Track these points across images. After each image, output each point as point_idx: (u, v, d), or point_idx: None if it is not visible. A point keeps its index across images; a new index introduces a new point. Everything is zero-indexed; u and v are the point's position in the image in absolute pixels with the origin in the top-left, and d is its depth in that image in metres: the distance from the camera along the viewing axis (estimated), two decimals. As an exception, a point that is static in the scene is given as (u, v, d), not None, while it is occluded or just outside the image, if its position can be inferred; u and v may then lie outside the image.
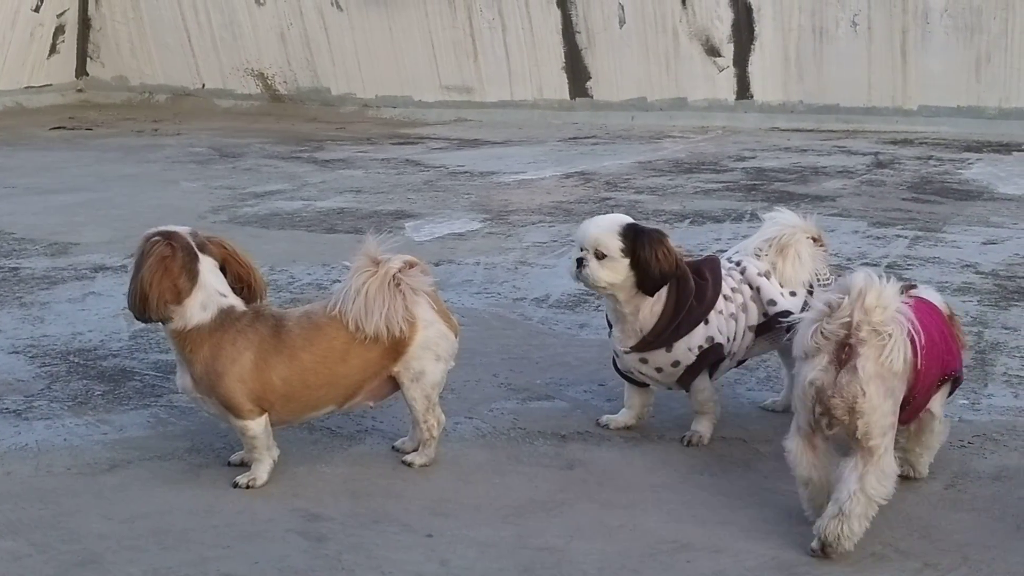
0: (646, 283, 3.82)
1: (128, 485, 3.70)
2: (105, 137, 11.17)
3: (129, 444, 4.00)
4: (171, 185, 8.70)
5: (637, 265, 3.79)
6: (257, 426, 3.64)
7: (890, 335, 3.13)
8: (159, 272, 3.53)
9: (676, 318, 3.86)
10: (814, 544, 3.20)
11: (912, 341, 3.21)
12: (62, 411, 4.28)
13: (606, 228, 3.85)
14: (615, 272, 3.82)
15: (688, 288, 3.88)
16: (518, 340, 5.08)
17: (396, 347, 3.70)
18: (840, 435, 3.23)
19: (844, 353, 3.14)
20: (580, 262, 3.84)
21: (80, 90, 13.85)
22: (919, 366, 3.30)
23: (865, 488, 3.15)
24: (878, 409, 3.15)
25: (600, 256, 3.82)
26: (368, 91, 12.54)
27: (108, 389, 4.50)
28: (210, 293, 3.59)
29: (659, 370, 3.94)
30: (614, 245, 3.81)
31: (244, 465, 3.76)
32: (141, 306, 3.55)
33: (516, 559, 3.25)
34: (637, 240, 3.80)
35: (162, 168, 9.42)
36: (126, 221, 7.25)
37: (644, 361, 3.94)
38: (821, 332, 3.16)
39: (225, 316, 3.59)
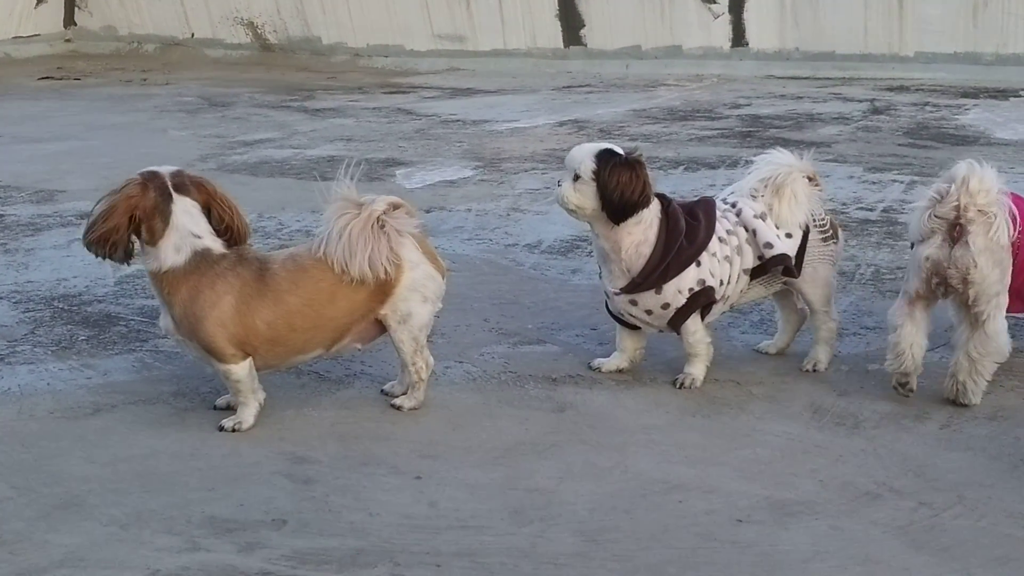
0: (608, 208, 3.76)
1: (112, 429, 3.65)
2: (93, 87, 11.04)
3: (113, 388, 3.95)
4: (159, 134, 8.60)
5: (599, 188, 3.75)
6: (241, 370, 3.58)
7: (995, 215, 3.62)
8: (110, 210, 3.45)
9: (665, 259, 3.80)
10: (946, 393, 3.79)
11: (1013, 219, 3.68)
12: (46, 356, 4.22)
13: (587, 151, 3.83)
14: (584, 196, 3.78)
15: (678, 228, 3.81)
16: (509, 285, 5.02)
17: (382, 289, 3.64)
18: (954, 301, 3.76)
19: (955, 232, 3.64)
20: (560, 183, 3.84)
21: (68, 40, 13.69)
22: (1017, 246, 3.74)
23: (969, 352, 3.69)
24: (988, 278, 3.64)
25: (576, 178, 3.79)
26: (359, 40, 12.39)
27: (92, 334, 4.44)
28: (183, 235, 3.52)
29: (649, 312, 3.88)
30: (587, 167, 3.78)
31: (230, 409, 3.71)
32: (87, 234, 3.47)
33: (506, 500, 3.21)
34: (603, 163, 3.75)
35: (150, 117, 9.31)
36: (113, 169, 7.14)
37: (634, 303, 3.88)
38: (934, 215, 3.66)
39: (201, 258, 3.52)
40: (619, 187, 3.72)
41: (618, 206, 3.75)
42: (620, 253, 3.83)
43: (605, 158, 3.77)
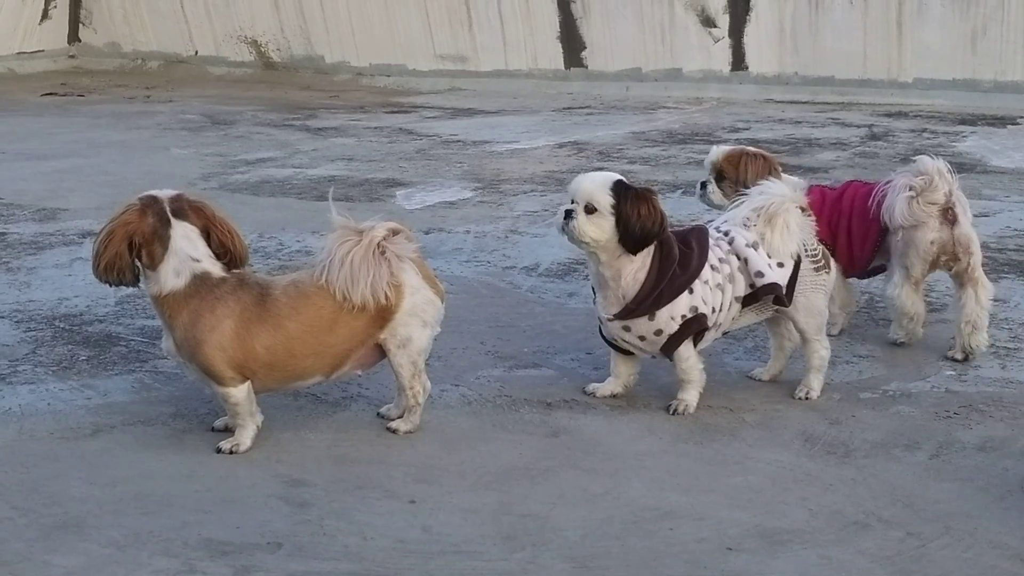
0: (627, 240, 3.80)
1: (111, 450, 3.69)
2: (97, 103, 11.11)
3: (113, 409, 3.99)
4: (162, 152, 8.66)
5: (620, 221, 3.78)
6: (239, 393, 3.62)
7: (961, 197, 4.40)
8: (108, 238, 3.52)
9: (658, 286, 3.84)
10: (957, 355, 4.43)
11: None
12: (46, 376, 4.26)
13: (600, 183, 3.83)
14: (601, 229, 3.80)
15: (672, 256, 3.86)
16: (506, 308, 5.07)
17: (383, 314, 3.68)
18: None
19: (949, 215, 4.33)
20: (569, 214, 3.83)
21: (72, 56, 13.77)
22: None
23: (978, 305, 4.40)
24: (978, 246, 4.43)
25: (590, 211, 3.80)
26: (362, 59, 12.47)
27: (93, 354, 4.49)
28: (182, 259, 3.56)
29: (642, 338, 3.93)
30: (605, 201, 3.79)
31: (228, 431, 3.75)
32: (94, 265, 3.56)
33: (499, 525, 3.25)
34: (622, 195, 3.79)
35: (153, 135, 9.38)
36: (115, 187, 7.21)
37: (627, 329, 3.92)
38: (927, 202, 4.30)
39: (200, 282, 3.57)
40: (640, 220, 3.77)
41: (639, 238, 3.79)
42: (620, 280, 3.87)
43: (622, 191, 3.80)
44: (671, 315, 3.87)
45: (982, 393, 4.13)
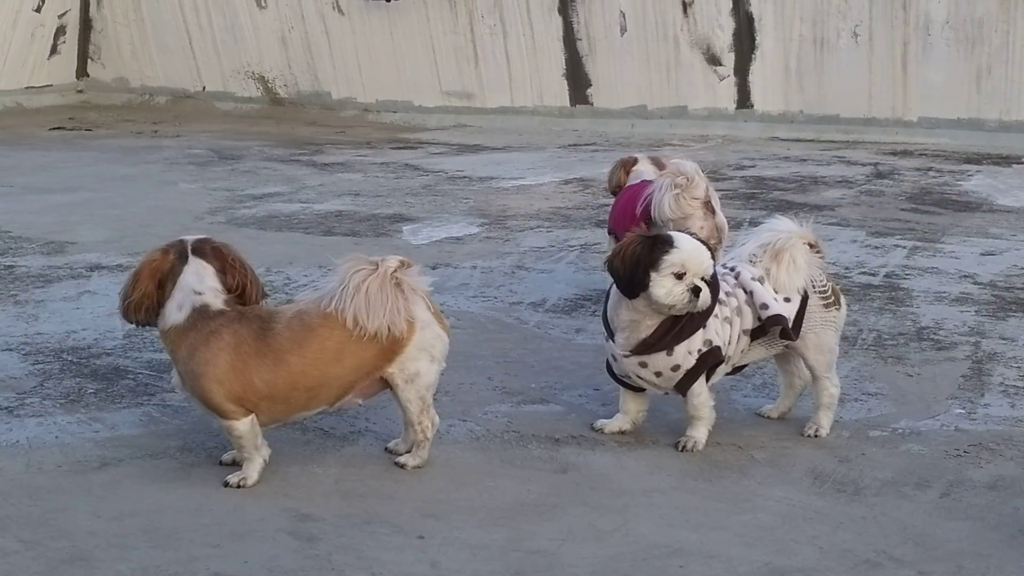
0: None
1: (119, 483, 3.68)
2: (104, 138, 11.15)
3: (120, 442, 3.98)
4: (169, 186, 8.69)
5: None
6: (243, 426, 3.61)
7: None
8: (136, 278, 3.59)
9: (679, 322, 3.85)
10: None
11: None
12: (54, 408, 4.26)
13: (708, 254, 3.88)
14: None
15: (689, 293, 3.87)
16: (514, 344, 5.06)
17: (392, 347, 3.67)
18: None
19: (708, 207, 5.05)
20: (697, 290, 3.79)
21: (80, 91, 13.83)
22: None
23: None
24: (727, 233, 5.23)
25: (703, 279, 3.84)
26: (368, 95, 12.53)
27: (101, 387, 4.48)
28: (186, 293, 3.58)
29: (658, 374, 3.92)
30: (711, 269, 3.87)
31: (235, 464, 3.73)
32: (122, 306, 3.62)
33: (507, 562, 3.23)
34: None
35: (161, 169, 9.41)
36: (123, 221, 7.23)
37: (644, 365, 3.91)
38: (692, 197, 4.97)
39: (199, 315, 3.57)
40: None
41: None
42: (657, 322, 3.88)
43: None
44: (688, 350, 3.87)
45: (992, 431, 4.11)
